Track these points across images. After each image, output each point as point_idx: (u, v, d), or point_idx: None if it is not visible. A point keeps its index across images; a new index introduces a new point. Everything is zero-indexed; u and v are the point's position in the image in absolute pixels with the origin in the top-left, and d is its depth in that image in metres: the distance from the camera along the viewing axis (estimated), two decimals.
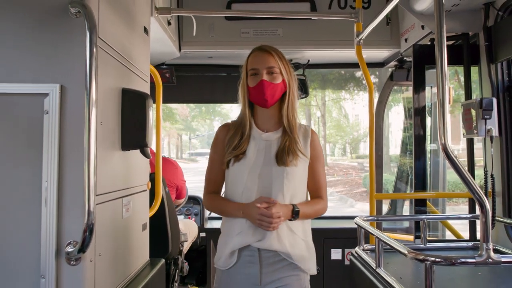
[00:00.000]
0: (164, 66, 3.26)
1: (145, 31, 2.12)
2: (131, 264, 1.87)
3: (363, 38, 2.50)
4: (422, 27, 2.60)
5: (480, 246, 1.36)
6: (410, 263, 2.06)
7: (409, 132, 3.67)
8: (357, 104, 21.63)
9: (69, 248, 1.37)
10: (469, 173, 1.38)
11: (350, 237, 2.39)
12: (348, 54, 3.02)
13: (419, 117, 2.68)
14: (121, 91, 1.73)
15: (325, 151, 25.70)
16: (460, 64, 2.56)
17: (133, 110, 1.75)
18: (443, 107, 1.38)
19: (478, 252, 1.36)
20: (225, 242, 1.83)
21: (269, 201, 1.71)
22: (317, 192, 1.88)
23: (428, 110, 3.93)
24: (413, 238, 2.62)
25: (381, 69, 3.53)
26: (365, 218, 2.23)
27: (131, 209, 1.86)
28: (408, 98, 3.75)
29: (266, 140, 1.82)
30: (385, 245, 1.79)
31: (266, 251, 1.75)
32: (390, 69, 3.47)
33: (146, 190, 2.12)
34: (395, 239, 1.69)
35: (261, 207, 1.69)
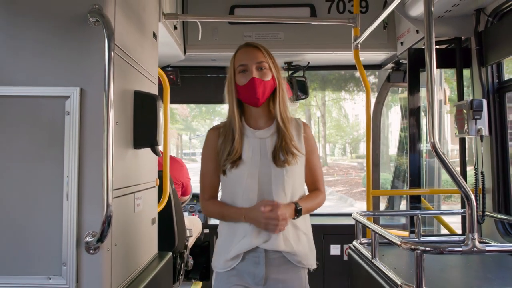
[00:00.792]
0: (170, 68, 3.38)
1: (154, 36, 2.24)
2: (141, 255, 2.00)
3: (361, 42, 2.61)
4: (417, 31, 2.72)
5: (466, 236, 1.49)
6: (404, 255, 2.17)
7: (406, 132, 3.79)
8: (357, 104, 21.66)
9: (88, 238, 1.50)
10: (456, 170, 1.50)
11: (348, 233, 2.47)
12: (347, 57, 3.13)
13: (414, 117, 2.80)
14: (134, 93, 1.86)
15: (325, 151, 25.79)
16: (453, 66, 2.68)
17: (144, 110, 1.87)
18: (432, 108, 1.48)
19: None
20: (227, 246, 1.76)
21: (272, 204, 1.67)
22: (314, 185, 1.86)
23: (424, 110, 4.06)
24: (409, 233, 2.74)
25: (381, 70, 3.65)
26: (362, 213, 2.36)
27: (142, 204, 1.98)
28: (405, 98, 3.86)
29: (260, 138, 1.77)
30: (381, 239, 1.91)
31: (273, 252, 1.72)
32: (388, 70, 3.59)
33: (154, 187, 2.24)
34: (391, 233, 1.80)
35: (266, 211, 1.65)
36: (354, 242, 2.34)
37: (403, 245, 1.61)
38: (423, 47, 2.82)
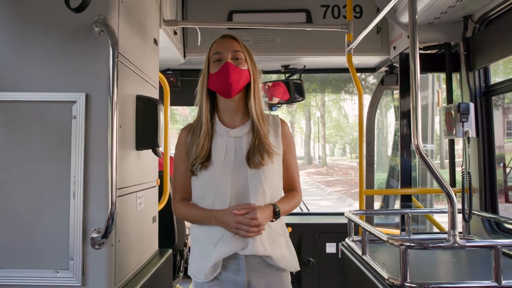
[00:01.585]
0: (170, 72, 3.48)
1: (155, 42, 2.34)
2: (143, 252, 2.10)
3: (354, 46, 2.71)
4: (408, 36, 2.81)
5: (448, 232, 1.58)
6: (393, 252, 2.26)
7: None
8: (357, 104, 21.71)
9: (94, 234, 1.59)
10: (438, 170, 1.60)
11: (344, 232, 2.55)
12: (342, 60, 3.21)
13: (405, 119, 2.90)
14: (136, 98, 1.96)
15: (325, 151, 25.88)
16: (442, 71, 2.78)
17: (146, 114, 1.97)
18: (416, 112, 1.58)
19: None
20: (204, 253, 1.67)
21: (247, 207, 1.59)
22: (291, 185, 1.78)
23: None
24: (400, 231, 2.84)
25: (375, 73, 3.74)
26: (355, 212, 2.46)
27: (143, 202, 2.08)
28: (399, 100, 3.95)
29: (235, 137, 1.68)
30: (372, 237, 2.00)
31: (253, 257, 1.65)
32: (382, 73, 3.68)
33: (155, 186, 2.34)
34: (382, 231, 1.88)
35: (238, 213, 1.56)
36: (346, 240, 2.44)
37: (390, 241, 1.71)
38: None
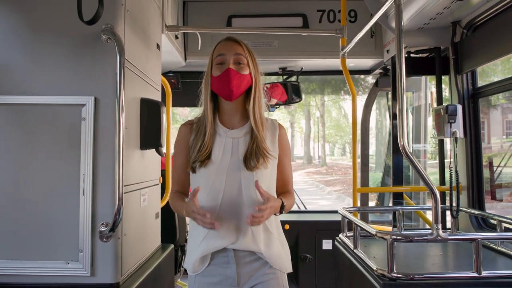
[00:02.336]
0: (171, 74, 3.60)
1: (157, 47, 2.46)
2: (146, 246, 2.22)
3: (348, 50, 2.83)
4: None
5: (432, 226, 1.70)
6: (384, 247, 2.38)
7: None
8: (357, 104, 21.77)
9: (102, 228, 1.72)
10: (423, 168, 1.72)
11: (340, 229, 2.65)
12: (338, 63, 3.34)
13: (396, 120, 3.01)
14: (140, 100, 2.08)
15: (325, 151, 25.98)
16: (433, 74, 2.90)
17: (150, 116, 2.09)
18: (401, 113, 1.70)
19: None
20: (193, 246, 1.69)
21: (260, 207, 1.55)
22: (285, 187, 1.80)
23: (411, 112, 4.28)
24: (392, 227, 2.96)
25: (370, 75, 3.86)
26: (348, 209, 2.57)
27: (147, 199, 2.20)
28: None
29: (232, 137, 1.70)
30: (364, 232, 2.11)
31: (242, 251, 1.65)
32: (377, 76, 3.80)
33: (158, 184, 2.46)
34: (373, 227, 1.99)
35: (196, 203, 1.55)
36: (340, 235, 2.55)
37: (378, 235, 1.83)
38: (406, 55, 3.04)
